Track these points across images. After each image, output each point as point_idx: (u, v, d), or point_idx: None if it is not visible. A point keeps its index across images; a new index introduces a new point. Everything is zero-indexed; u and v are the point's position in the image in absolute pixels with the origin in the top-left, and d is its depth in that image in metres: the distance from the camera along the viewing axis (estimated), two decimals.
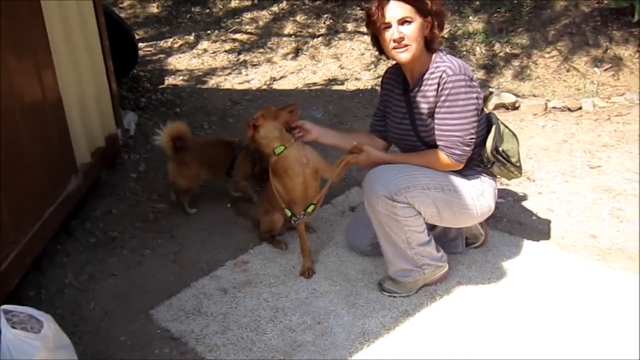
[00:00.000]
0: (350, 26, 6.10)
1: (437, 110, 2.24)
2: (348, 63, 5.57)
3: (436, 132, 2.27)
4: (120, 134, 3.65)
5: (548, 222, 2.98)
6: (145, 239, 2.94)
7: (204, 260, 2.75)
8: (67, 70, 2.90)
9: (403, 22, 2.19)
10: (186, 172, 3.04)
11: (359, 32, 5.97)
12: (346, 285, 2.52)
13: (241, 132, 4.29)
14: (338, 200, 3.24)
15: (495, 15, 5.63)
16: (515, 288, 2.46)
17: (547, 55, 5.20)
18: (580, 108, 4.44)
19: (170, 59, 5.67)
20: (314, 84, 5.21)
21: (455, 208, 2.33)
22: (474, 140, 2.26)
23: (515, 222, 2.99)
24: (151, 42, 6.04)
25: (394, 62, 2.43)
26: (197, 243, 2.90)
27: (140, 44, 5.90)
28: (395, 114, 2.45)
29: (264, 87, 5.16)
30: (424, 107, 2.30)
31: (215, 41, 6.04)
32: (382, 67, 5.39)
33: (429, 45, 2.25)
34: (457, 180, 2.34)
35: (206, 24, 6.33)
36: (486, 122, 2.41)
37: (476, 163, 2.40)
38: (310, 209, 2.52)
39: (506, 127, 2.47)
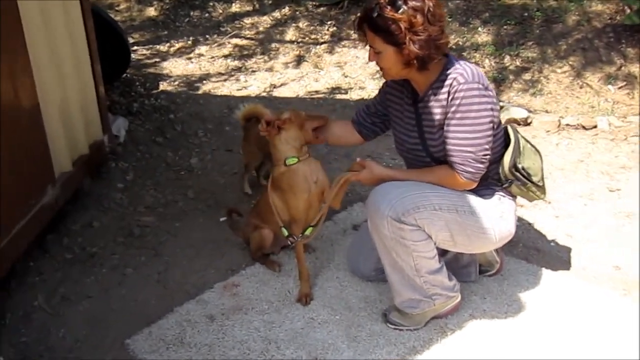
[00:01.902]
0: (354, 33, 5.90)
1: (447, 122, 2.01)
2: (352, 71, 5.38)
3: (446, 147, 2.03)
4: (107, 140, 3.42)
5: (568, 249, 2.75)
6: (128, 256, 2.69)
7: (190, 282, 2.50)
8: (48, 74, 2.67)
9: (374, 51, 2.01)
10: (246, 148, 3.20)
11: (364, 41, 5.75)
12: (347, 315, 2.27)
13: (238, 140, 4.10)
14: (339, 217, 2.99)
15: (504, 27, 5.44)
16: (534, 323, 2.21)
17: (559, 70, 5.02)
18: (595, 126, 4.23)
19: (165, 64, 5.45)
20: (317, 92, 5.02)
21: (471, 232, 2.08)
22: (488, 156, 2.02)
23: (532, 249, 2.74)
24: (147, 46, 5.82)
25: None
26: (184, 262, 2.65)
27: (136, 48, 5.71)
28: (403, 125, 2.21)
29: (263, 94, 4.95)
30: (434, 118, 2.06)
31: (213, 46, 5.83)
32: None
33: (422, 64, 1.99)
34: (474, 200, 2.10)
35: (205, 28, 6.13)
36: (504, 136, 2.18)
37: (493, 181, 2.16)
38: (308, 232, 2.27)
39: (527, 141, 2.23)
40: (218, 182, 3.46)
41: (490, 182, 2.15)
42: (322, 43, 5.81)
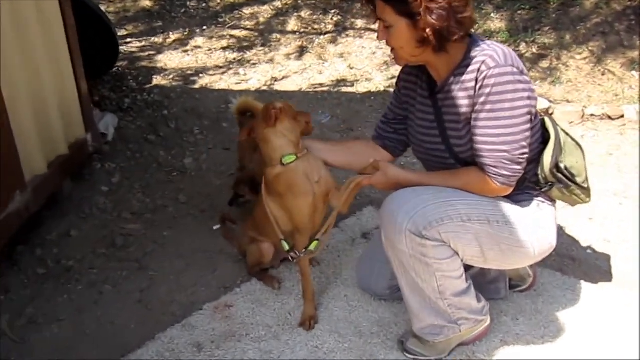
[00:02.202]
0: (360, 23, 5.64)
1: (475, 116, 1.68)
2: (358, 63, 5.08)
3: (475, 146, 1.70)
4: (91, 139, 3.11)
5: (607, 257, 2.44)
6: (108, 270, 2.38)
7: (177, 302, 2.19)
8: (17, 70, 2.39)
9: (384, 25, 1.68)
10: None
11: (370, 30, 5.50)
12: (357, 342, 1.95)
13: (236, 137, 3.78)
14: (347, 223, 2.67)
15: (519, 12, 5.14)
16: (577, 349, 1.89)
17: (578, 57, 4.74)
18: (622, 116, 3.95)
19: (160, 57, 5.13)
20: (320, 85, 4.72)
21: (506, 246, 1.76)
22: (526, 155, 1.69)
23: (566, 257, 2.42)
24: (141, 38, 5.50)
25: None
26: (170, 277, 2.34)
27: (129, 40, 5.41)
28: (420, 123, 1.88)
29: (264, 87, 4.64)
30: (458, 112, 1.74)
31: (211, 38, 5.52)
32: (396, 68, 4.90)
33: (441, 41, 1.66)
34: (508, 208, 1.77)
35: (202, 19, 5.80)
36: (541, 130, 1.84)
37: (530, 185, 1.83)
38: (313, 247, 1.95)
39: (568, 134, 1.89)
40: (213, 184, 3.15)
41: (527, 185, 1.82)
42: (325, 33, 5.52)
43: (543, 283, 2.22)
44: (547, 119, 1.88)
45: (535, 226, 1.79)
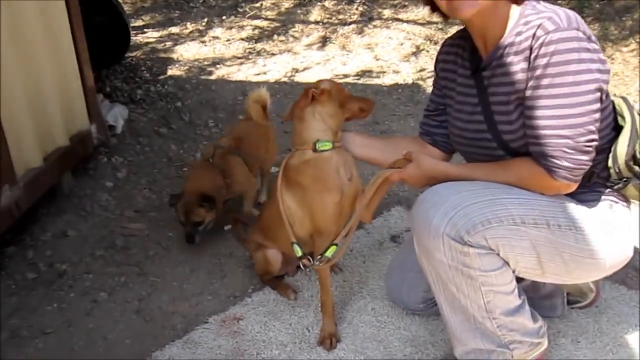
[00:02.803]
0: (387, 13, 5.40)
1: (529, 93, 1.37)
2: (384, 54, 4.82)
3: (529, 132, 1.39)
4: (96, 131, 2.86)
5: None
6: (104, 275, 2.13)
7: (179, 313, 1.91)
8: (9, 56, 2.17)
9: None
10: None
11: (398, 20, 5.25)
12: None
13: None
14: (374, 224, 2.37)
15: (559, 2, 4.80)
16: None
17: (624, 49, 4.44)
18: None
19: (176, 47, 4.91)
20: (345, 76, 4.48)
21: (569, 256, 1.43)
22: (594, 143, 1.37)
23: (629, 268, 2.07)
24: (157, 29, 5.29)
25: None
26: (173, 284, 2.07)
27: (146, 31, 5.20)
28: (460, 107, 1.57)
29: (284, 79, 4.39)
30: (509, 90, 1.43)
31: (230, 28, 5.30)
32: (425, 59, 4.64)
33: None
34: (572, 209, 1.45)
35: (221, 9, 5.58)
36: (613, 114, 1.51)
37: (599, 181, 1.50)
38: (330, 253, 1.66)
39: None
40: None
41: (595, 182, 1.49)
42: (350, 23, 5.30)
43: (605, 298, 1.89)
44: (619, 100, 1.55)
45: (607, 232, 1.46)
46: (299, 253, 1.68)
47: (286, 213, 1.70)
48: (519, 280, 1.59)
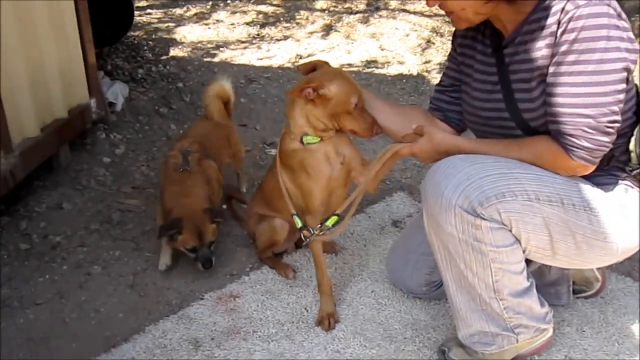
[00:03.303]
0: (394, 3, 5.37)
1: (552, 70, 1.32)
2: (390, 44, 4.77)
3: (549, 109, 1.34)
4: (95, 105, 2.81)
5: None
6: (99, 249, 2.08)
7: (174, 289, 1.87)
8: (13, 33, 2.15)
9: None
10: None
11: (405, 11, 5.20)
12: (387, 348, 1.60)
13: (254, 113, 3.47)
14: (375, 209, 2.32)
15: None
16: None
17: None
18: None
19: (179, 29, 4.85)
20: (349, 65, 4.43)
21: (582, 237, 1.39)
22: (617, 125, 1.32)
23: (635, 260, 2.02)
24: (161, 10, 5.23)
25: None
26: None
27: (149, 11, 5.13)
28: (478, 86, 1.52)
29: (288, 64, 4.33)
30: (531, 67, 1.38)
31: (234, 12, 5.23)
32: (431, 52, 4.60)
33: None
34: (588, 190, 1.40)
35: None
36: (635, 97, 1.46)
37: (617, 165, 1.45)
38: (330, 222, 1.61)
39: None
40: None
41: (613, 165, 1.45)
42: (356, 12, 5.25)
43: (611, 289, 1.85)
44: None
45: (622, 216, 1.42)
46: (299, 224, 1.63)
47: (285, 188, 1.67)
48: (525, 264, 1.55)
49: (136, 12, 4.72)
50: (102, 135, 2.96)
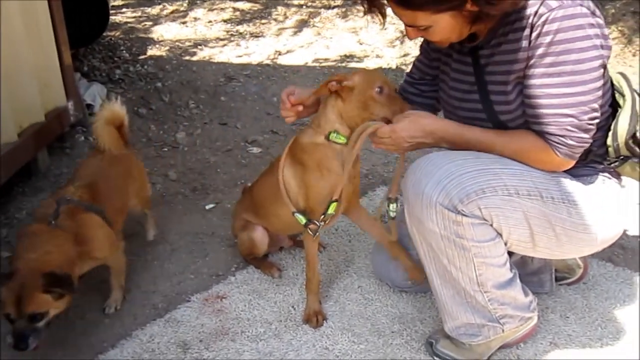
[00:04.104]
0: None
1: (530, 72, 1.33)
2: (368, 38, 4.79)
3: (530, 111, 1.35)
4: (73, 108, 2.77)
5: None
6: None
7: (159, 292, 1.85)
8: None
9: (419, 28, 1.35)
10: None
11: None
12: (375, 343, 1.61)
13: (234, 112, 3.45)
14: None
15: None
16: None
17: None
18: None
19: (156, 28, 4.80)
20: (327, 60, 4.43)
21: (561, 229, 1.41)
22: (597, 120, 1.35)
23: (615, 246, 2.06)
24: (137, 8, 5.17)
25: None
26: (154, 263, 2.00)
27: (124, 10, 5.07)
28: (455, 85, 1.53)
29: (267, 61, 4.32)
30: (507, 69, 1.38)
31: (211, 10, 5.20)
32: (410, 45, 4.61)
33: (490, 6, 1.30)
34: (566, 183, 1.42)
35: None
36: (611, 90, 1.48)
37: (595, 158, 1.48)
38: (332, 209, 1.59)
39: (638, 93, 1.53)
40: (207, 161, 2.82)
41: (591, 159, 1.47)
42: (334, 7, 5.25)
43: (593, 275, 1.89)
44: (617, 76, 1.52)
45: (600, 207, 1.44)
46: (303, 221, 1.61)
47: (285, 189, 1.66)
48: (508, 255, 1.57)
49: (112, 12, 4.67)
50: (81, 138, 2.92)
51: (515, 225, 1.39)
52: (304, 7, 5.26)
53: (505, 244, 1.43)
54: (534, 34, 1.30)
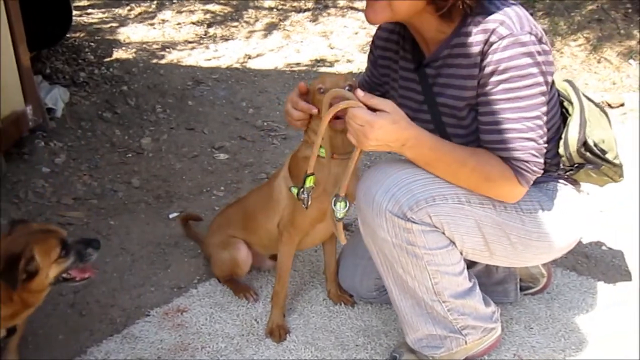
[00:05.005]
0: (342, 2, 5.34)
1: (485, 99, 1.32)
2: (338, 42, 4.77)
3: (492, 137, 1.33)
4: (32, 112, 2.68)
5: (621, 254, 2.11)
6: None
7: (118, 306, 1.79)
8: None
9: None
10: None
11: (353, 8, 5.19)
12: (339, 357, 1.59)
13: (202, 116, 3.39)
14: None
15: None
16: None
17: (572, 44, 4.57)
18: (622, 104, 3.71)
19: (123, 29, 4.70)
20: (298, 64, 4.40)
21: (516, 238, 1.41)
22: (546, 143, 1.35)
23: (579, 255, 2.09)
24: (103, 9, 5.05)
25: None
26: (113, 275, 1.95)
27: (89, 11, 4.95)
28: (403, 102, 1.49)
29: (236, 65, 4.27)
30: (458, 94, 1.37)
31: (180, 11, 5.10)
32: None
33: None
34: None
35: None
36: (558, 99, 1.50)
37: (549, 168, 1.48)
38: (309, 182, 1.44)
39: (590, 100, 1.55)
40: (173, 167, 2.76)
41: (545, 168, 1.46)
42: (304, 10, 5.22)
43: (557, 284, 1.89)
44: (564, 84, 1.54)
45: (556, 214, 1.44)
46: (295, 191, 1.48)
47: (276, 195, 1.63)
48: (471, 265, 1.57)
49: (76, 12, 4.56)
50: (41, 144, 2.83)
51: (468, 234, 1.38)
52: (275, 10, 5.21)
53: (461, 253, 1.42)
54: (485, 61, 1.30)
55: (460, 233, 1.37)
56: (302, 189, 1.43)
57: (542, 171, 1.35)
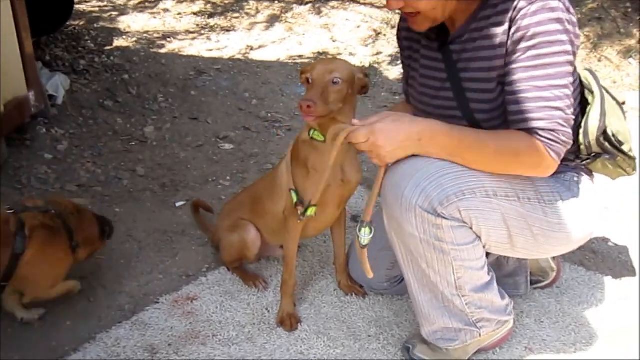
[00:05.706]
0: None
1: (513, 67, 1.30)
2: (341, 36, 4.75)
3: (516, 107, 1.31)
4: (34, 98, 2.64)
5: (626, 250, 2.12)
6: None
7: (126, 293, 1.77)
8: None
9: None
10: None
11: (355, 2, 5.18)
12: (351, 347, 1.58)
13: (205, 106, 3.36)
14: None
15: None
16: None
17: None
18: (624, 103, 3.72)
19: (123, 18, 4.65)
20: (300, 56, 4.37)
21: (538, 230, 1.40)
22: (573, 115, 1.33)
23: (587, 250, 2.10)
24: None
25: None
26: (120, 262, 1.92)
27: None
28: (425, 82, 1.50)
29: (239, 56, 4.25)
30: (486, 66, 1.36)
31: (181, 1, 5.06)
32: (382, 44, 4.61)
33: None
34: (541, 183, 1.42)
35: None
36: (580, 88, 1.49)
37: (568, 157, 1.46)
38: (311, 212, 1.53)
39: (605, 90, 1.53)
40: (177, 157, 2.73)
41: (564, 156, 1.46)
42: (307, 3, 5.19)
43: (565, 279, 1.89)
44: (585, 73, 1.53)
45: (574, 205, 1.44)
46: (295, 198, 1.54)
47: (279, 180, 1.63)
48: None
49: (76, 0, 4.50)
50: (43, 130, 2.79)
51: (494, 227, 1.37)
52: (276, 1, 5.18)
53: (484, 246, 1.42)
54: (513, 28, 1.28)
55: (487, 227, 1.36)
56: (301, 202, 1.51)
57: (572, 142, 1.32)
